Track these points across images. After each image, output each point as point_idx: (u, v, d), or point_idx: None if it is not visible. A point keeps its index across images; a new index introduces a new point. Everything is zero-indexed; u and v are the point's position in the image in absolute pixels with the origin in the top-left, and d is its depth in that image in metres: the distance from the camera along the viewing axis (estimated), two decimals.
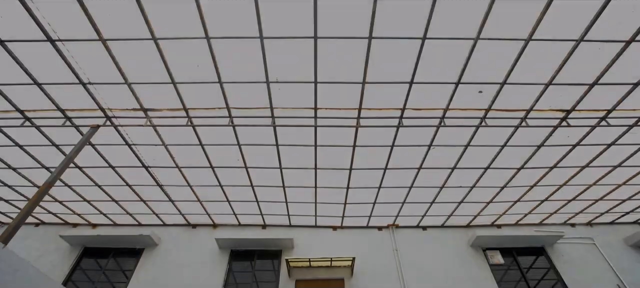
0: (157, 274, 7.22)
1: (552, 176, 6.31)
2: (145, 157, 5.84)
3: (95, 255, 7.79)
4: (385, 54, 4.04)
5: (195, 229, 8.11)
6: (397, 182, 6.38)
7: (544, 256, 7.63)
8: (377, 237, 7.85)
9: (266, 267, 7.47)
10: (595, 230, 8.09)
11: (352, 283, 6.99)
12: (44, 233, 8.17)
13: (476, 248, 7.62)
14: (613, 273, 7.22)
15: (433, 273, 7.14)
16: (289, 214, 7.57)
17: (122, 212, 7.63)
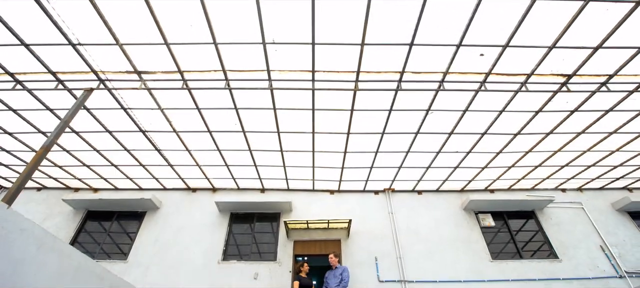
0: (159, 236, 7.48)
1: (547, 142, 6.37)
2: (142, 121, 5.80)
3: (98, 218, 8.01)
4: (385, 14, 3.89)
5: (195, 193, 8.29)
6: (394, 146, 6.44)
7: (534, 219, 7.92)
8: (373, 201, 8.07)
9: (265, 229, 7.74)
10: (585, 196, 8.34)
11: (348, 244, 7.30)
12: (46, 197, 8.33)
13: (469, 212, 7.89)
14: (597, 235, 7.54)
15: (426, 235, 7.44)
16: (287, 178, 7.70)
17: (122, 177, 7.73)
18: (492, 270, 6.89)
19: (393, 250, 7.15)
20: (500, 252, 7.34)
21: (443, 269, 6.89)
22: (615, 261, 7.07)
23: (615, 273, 6.92)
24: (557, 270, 6.93)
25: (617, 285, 6.70)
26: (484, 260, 7.06)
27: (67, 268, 4.32)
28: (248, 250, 7.32)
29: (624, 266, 7.01)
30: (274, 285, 6.62)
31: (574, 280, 6.80)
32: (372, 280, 6.72)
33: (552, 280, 6.77)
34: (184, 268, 6.92)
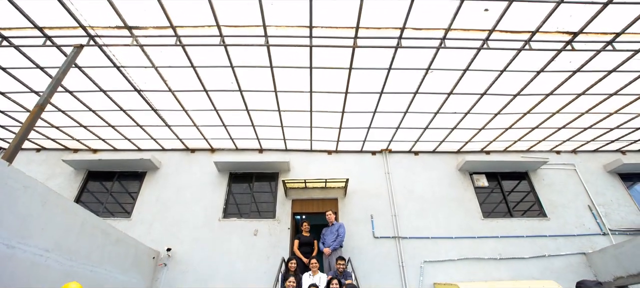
0: (161, 195, 7.66)
1: (546, 104, 6.35)
2: (136, 80, 5.69)
3: (100, 179, 8.14)
4: None
5: (193, 154, 8.36)
6: (392, 106, 6.40)
7: (527, 180, 8.11)
8: (370, 161, 8.19)
9: (264, 188, 7.92)
10: (579, 158, 8.47)
11: (345, 203, 7.52)
12: (46, 158, 8.38)
13: (464, 173, 8.05)
14: (587, 196, 7.78)
15: (421, 194, 7.66)
16: (285, 139, 7.74)
17: (120, 137, 7.74)
18: (482, 228, 7.19)
19: (388, 208, 7.40)
20: (492, 211, 7.60)
21: (436, 226, 7.18)
22: (601, 220, 7.37)
23: (599, 230, 7.24)
24: (544, 228, 7.24)
25: (600, 242, 7.03)
26: (475, 218, 7.34)
27: (73, 224, 4.48)
28: (247, 209, 7.55)
29: (609, 224, 7.32)
30: (273, 242, 6.92)
31: (559, 237, 7.13)
32: (367, 236, 7.02)
33: (538, 237, 7.09)
34: (186, 225, 7.17)
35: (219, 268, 6.52)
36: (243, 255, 6.76)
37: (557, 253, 6.87)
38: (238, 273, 6.46)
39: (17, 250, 3.53)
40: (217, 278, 6.33)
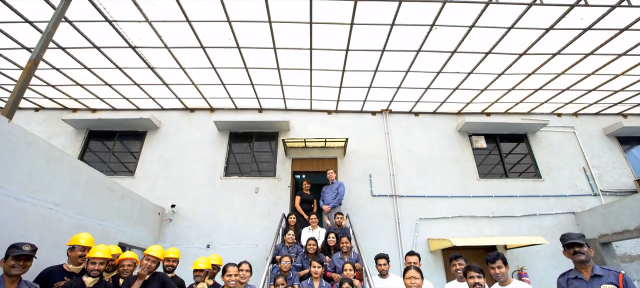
0: (162, 154, 7.76)
1: (551, 64, 6.20)
2: (131, 36, 5.49)
3: (101, 138, 8.19)
4: None
5: (193, 113, 8.33)
6: (394, 65, 6.26)
7: (525, 143, 8.17)
8: (370, 121, 8.19)
9: (264, 147, 8.00)
10: (579, 120, 8.45)
11: (345, 162, 7.65)
12: (46, 118, 8.37)
13: (463, 134, 8.09)
14: (583, 158, 7.88)
15: (420, 154, 7.75)
16: (285, 98, 7.66)
17: (118, 97, 7.66)
18: (478, 188, 7.37)
19: (387, 168, 7.53)
20: (488, 172, 7.75)
21: (432, 186, 7.36)
22: (593, 181, 7.54)
23: (591, 191, 7.44)
24: (538, 189, 7.43)
25: (590, 202, 7.25)
26: (471, 178, 7.50)
27: (79, 180, 4.58)
28: (248, 168, 7.69)
29: (601, 186, 7.50)
30: (273, 199, 7.14)
31: (551, 197, 7.34)
32: (365, 195, 7.23)
33: (531, 197, 7.30)
34: (189, 183, 7.35)
35: (221, 223, 6.79)
36: (245, 211, 7.02)
37: (548, 212, 7.12)
38: (240, 227, 6.74)
39: (27, 203, 3.65)
40: (221, 233, 6.61)
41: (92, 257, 3.00)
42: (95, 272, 2.94)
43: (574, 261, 2.62)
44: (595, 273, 2.51)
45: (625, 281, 2.37)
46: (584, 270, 2.57)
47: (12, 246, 2.59)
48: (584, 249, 2.57)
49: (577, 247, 2.58)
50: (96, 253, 3.02)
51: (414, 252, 4.05)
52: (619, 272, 2.44)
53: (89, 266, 2.97)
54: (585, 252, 2.56)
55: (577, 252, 2.58)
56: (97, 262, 2.96)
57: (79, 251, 3.20)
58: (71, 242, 3.27)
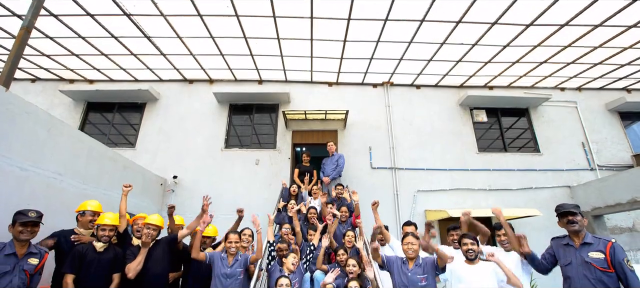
0: (162, 126, 7.76)
1: (558, 36, 6.04)
2: (125, 2, 5.30)
3: (100, 110, 8.14)
4: None
5: (192, 85, 8.23)
6: (396, 35, 6.10)
7: (526, 117, 8.14)
8: (371, 94, 8.12)
9: (264, 120, 7.99)
10: (582, 95, 8.37)
11: (345, 135, 7.66)
12: (43, 89, 8.28)
13: (464, 108, 8.04)
14: (583, 133, 7.89)
15: (420, 127, 7.75)
16: (285, 69, 7.54)
17: (115, 67, 7.53)
18: (477, 161, 7.44)
19: (387, 140, 7.56)
20: (488, 146, 7.79)
21: (431, 159, 7.42)
22: (591, 156, 7.60)
23: (588, 166, 7.52)
24: (536, 163, 7.50)
25: (586, 176, 7.35)
26: (471, 152, 7.55)
27: (81, 150, 4.61)
28: (248, 140, 7.72)
29: (598, 160, 7.57)
30: (274, 170, 7.22)
31: (548, 171, 7.43)
32: (365, 167, 7.32)
33: (529, 171, 7.39)
34: (190, 155, 7.41)
35: (223, 194, 6.89)
36: (246, 182, 7.13)
37: (544, 185, 7.24)
38: (241, 198, 6.87)
39: (30, 172, 3.70)
40: (222, 204, 6.73)
41: (102, 224, 3.11)
42: (106, 238, 3.07)
43: (567, 230, 2.70)
44: (585, 241, 2.57)
45: (614, 249, 2.41)
46: (576, 238, 2.64)
47: (19, 212, 2.66)
48: (577, 218, 2.63)
49: (570, 216, 2.64)
50: (105, 220, 3.14)
51: (411, 222, 4.16)
52: (609, 241, 2.49)
53: (99, 232, 3.09)
54: (579, 221, 2.62)
55: (571, 221, 2.63)
56: (106, 229, 3.09)
57: (89, 216, 3.32)
58: (80, 207, 3.37)
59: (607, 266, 2.38)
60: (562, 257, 2.68)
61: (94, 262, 2.96)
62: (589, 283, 2.40)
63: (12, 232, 2.63)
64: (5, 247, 2.57)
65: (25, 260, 2.63)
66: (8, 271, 2.50)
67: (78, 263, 2.90)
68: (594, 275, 2.41)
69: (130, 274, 2.96)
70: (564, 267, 2.63)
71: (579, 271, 2.49)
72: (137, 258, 3.06)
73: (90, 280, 2.91)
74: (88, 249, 3.01)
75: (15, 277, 2.53)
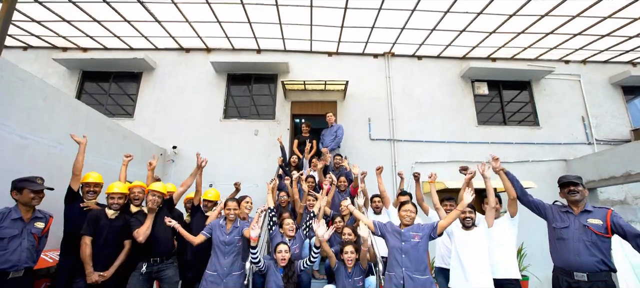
0: (160, 96, 7.67)
1: (567, 5, 5.84)
2: None
3: (96, 79, 8.01)
4: None
5: (189, 53, 8.04)
6: (399, 3, 5.88)
7: (528, 90, 8.05)
8: (371, 65, 7.97)
9: (263, 90, 7.90)
10: (586, 68, 8.24)
11: (344, 106, 7.62)
12: (36, 57, 8.09)
13: (465, 80, 7.93)
14: (583, 107, 7.85)
15: (420, 99, 7.69)
16: (284, 38, 7.33)
17: (109, 35, 7.32)
18: (476, 134, 7.45)
19: (386, 112, 7.52)
20: (487, 120, 7.77)
21: (431, 131, 7.42)
22: (590, 130, 7.61)
23: (586, 140, 7.56)
24: (534, 136, 7.52)
25: (583, 150, 7.41)
26: (470, 125, 7.54)
27: (78, 119, 4.57)
28: (247, 111, 7.68)
29: (597, 135, 7.59)
30: (273, 141, 7.21)
31: (546, 144, 7.47)
32: (364, 138, 7.34)
33: (527, 144, 7.43)
34: (188, 125, 7.39)
35: (222, 165, 6.93)
36: (245, 153, 7.18)
37: (541, 159, 7.31)
38: (240, 168, 6.94)
39: (30, 141, 3.70)
40: (222, 174, 6.80)
41: (111, 193, 3.22)
42: (116, 206, 3.19)
43: (568, 200, 2.77)
44: (585, 209, 2.68)
45: (613, 217, 2.53)
46: (575, 207, 2.73)
47: (25, 180, 2.70)
48: (578, 188, 2.70)
49: (572, 186, 2.71)
50: (114, 189, 3.25)
51: (406, 192, 4.25)
52: (608, 209, 2.61)
53: (108, 201, 3.22)
54: (580, 191, 2.71)
55: (572, 191, 2.71)
56: (115, 197, 3.21)
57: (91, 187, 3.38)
58: (83, 179, 3.41)
59: (604, 232, 2.52)
60: (558, 220, 2.77)
61: (106, 227, 3.10)
62: (583, 246, 2.55)
63: (17, 198, 2.68)
64: (10, 212, 2.64)
65: (32, 224, 2.72)
66: (17, 235, 2.59)
67: (93, 226, 3.05)
68: (590, 239, 2.54)
69: (140, 238, 3.07)
70: (559, 230, 2.72)
71: (575, 234, 2.61)
72: (145, 223, 3.14)
73: (103, 244, 3.07)
74: (101, 215, 3.14)
75: (24, 240, 2.63)
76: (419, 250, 2.88)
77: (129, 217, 3.30)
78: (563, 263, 2.65)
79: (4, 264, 2.48)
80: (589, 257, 2.51)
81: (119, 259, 3.15)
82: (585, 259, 2.51)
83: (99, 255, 3.03)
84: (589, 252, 2.52)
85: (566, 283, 2.60)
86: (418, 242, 2.89)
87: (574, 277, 2.54)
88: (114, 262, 3.10)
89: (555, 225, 2.77)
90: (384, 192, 4.10)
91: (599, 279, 2.46)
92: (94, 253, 3.00)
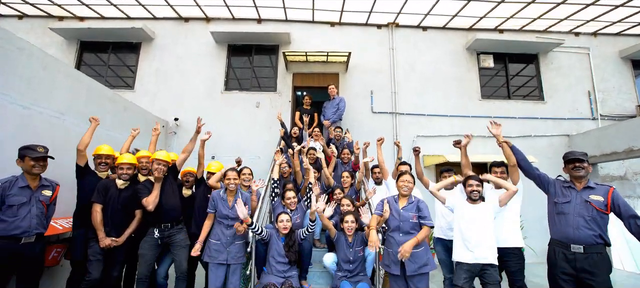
0: (160, 67, 7.57)
1: None
2: None
3: (94, 50, 7.87)
4: None
5: (188, 23, 7.83)
6: None
7: (534, 64, 7.87)
8: (375, 36, 7.76)
9: (264, 62, 7.76)
10: (597, 41, 7.99)
11: (346, 78, 7.51)
12: (31, 27, 7.93)
13: (471, 52, 7.74)
14: (590, 81, 7.71)
15: (423, 72, 7.56)
16: (285, 7, 7.10)
17: (105, 3, 7.11)
18: (479, 108, 7.38)
19: (389, 85, 7.42)
20: (491, 94, 7.66)
21: (433, 104, 7.36)
22: (595, 105, 7.51)
23: (590, 115, 7.48)
24: (538, 111, 7.45)
25: (587, 125, 7.36)
26: (473, 99, 7.45)
27: (79, 90, 4.54)
28: (248, 84, 7.59)
29: (602, 110, 7.50)
30: (275, 114, 7.18)
31: (549, 119, 7.41)
32: (366, 111, 7.30)
33: (530, 119, 7.37)
34: (189, 97, 7.35)
35: (224, 137, 6.95)
36: (247, 125, 7.18)
37: (544, 134, 7.28)
38: (242, 140, 6.98)
39: (33, 111, 3.71)
40: (223, 146, 6.84)
41: (121, 163, 3.29)
42: (125, 176, 3.27)
43: (572, 175, 2.79)
44: (588, 185, 2.71)
45: (614, 195, 2.57)
46: (578, 183, 2.76)
47: (26, 147, 2.73)
48: (583, 165, 2.72)
49: (577, 162, 2.72)
50: (123, 159, 3.32)
51: (405, 162, 4.29)
52: (610, 187, 2.63)
53: (118, 171, 3.29)
54: (585, 167, 2.72)
55: (577, 167, 2.73)
56: (124, 168, 3.28)
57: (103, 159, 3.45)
58: (95, 152, 3.48)
59: (604, 208, 2.57)
60: (560, 195, 2.80)
61: (115, 197, 3.21)
62: (583, 220, 2.60)
63: (22, 166, 2.73)
64: (17, 180, 2.70)
65: (39, 192, 2.78)
66: (25, 202, 2.66)
67: (103, 195, 3.15)
68: (590, 214, 2.59)
69: (150, 207, 3.13)
70: (560, 204, 2.77)
71: (576, 209, 2.66)
72: (153, 192, 3.19)
73: (113, 213, 3.19)
74: (112, 185, 3.24)
75: (33, 207, 2.71)
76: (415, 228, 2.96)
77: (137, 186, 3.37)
78: (561, 236, 2.71)
79: (15, 230, 2.58)
80: (588, 230, 2.57)
81: (131, 227, 3.29)
82: (583, 233, 2.58)
83: (109, 223, 3.16)
84: (588, 226, 2.58)
85: (562, 255, 2.67)
86: (416, 222, 2.97)
87: (571, 249, 2.61)
88: (126, 230, 3.25)
89: (556, 200, 2.81)
90: (382, 163, 4.14)
91: (595, 251, 2.54)
92: (105, 221, 3.12)
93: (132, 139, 3.94)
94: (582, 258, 2.56)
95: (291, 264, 3.35)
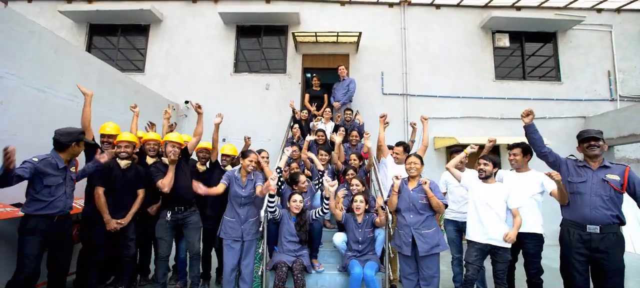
0: (170, 49, 7.56)
1: None
2: None
3: (103, 33, 7.89)
4: None
5: (196, 4, 7.73)
6: None
7: (552, 43, 7.56)
8: (386, 15, 7.54)
9: (273, 43, 7.67)
10: (620, 18, 7.60)
11: (357, 59, 7.39)
12: (40, 10, 7.96)
13: (486, 31, 7.46)
14: (611, 61, 7.39)
15: (436, 52, 7.36)
16: None
17: None
18: (492, 89, 7.19)
19: (400, 66, 7.27)
20: (506, 75, 7.43)
21: (445, 85, 7.20)
22: (615, 86, 7.23)
23: (609, 96, 7.22)
24: (554, 92, 7.22)
25: (604, 107, 7.11)
26: (487, 80, 7.25)
27: (90, 73, 4.57)
28: (258, 66, 7.54)
29: (621, 91, 7.23)
30: (284, 95, 7.18)
31: (565, 100, 7.18)
32: (376, 93, 7.20)
33: (546, 100, 7.16)
34: (199, 79, 7.36)
35: (234, 119, 6.93)
36: (256, 107, 7.19)
37: (559, 116, 7.08)
38: (252, 122, 7.01)
39: (48, 94, 3.76)
40: (234, 129, 6.86)
41: (119, 141, 3.26)
42: (124, 154, 3.22)
43: (586, 154, 2.72)
44: (604, 164, 2.65)
45: (630, 175, 2.53)
46: (593, 162, 2.69)
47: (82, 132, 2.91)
48: (599, 143, 2.64)
49: (593, 141, 2.64)
50: (121, 137, 3.28)
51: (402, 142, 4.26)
52: (626, 166, 2.58)
53: (117, 149, 3.25)
54: (600, 146, 2.64)
55: (592, 146, 2.65)
56: (122, 145, 3.24)
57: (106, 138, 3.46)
58: (100, 130, 3.49)
59: (621, 188, 2.54)
60: (574, 175, 2.74)
61: (119, 177, 3.20)
62: (600, 200, 2.56)
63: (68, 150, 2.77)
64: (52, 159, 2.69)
65: (69, 169, 2.85)
66: (61, 183, 2.72)
67: (105, 177, 3.14)
68: (608, 194, 2.55)
69: (165, 189, 3.15)
70: (575, 184, 2.71)
71: (593, 188, 2.61)
72: (168, 174, 3.19)
73: (116, 193, 3.20)
74: (114, 166, 3.22)
75: (67, 187, 2.79)
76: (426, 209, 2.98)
77: (144, 168, 3.40)
78: (576, 216, 2.67)
79: (52, 209, 2.64)
80: (605, 210, 2.54)
81: (134, 207, 3.29)
82: (600, 213, 2.54)
83: (115, 204, 3.17)
84: (605, 205, 2.54)
85: (577, 236, 2.64)
86: (425, 203, 2.99)
87: (587, 229, 2.58)
88: (130, 210, 3.26)
89: (570, 179, 2.74)
90: (382, 141, 4.13)
91: (611, 231, 2.52)
92: (110, 202, 3.13)
93: (136, 117, 3.84)
94: (598, 238, 2.53)
95: (302, 243, 3.41)
